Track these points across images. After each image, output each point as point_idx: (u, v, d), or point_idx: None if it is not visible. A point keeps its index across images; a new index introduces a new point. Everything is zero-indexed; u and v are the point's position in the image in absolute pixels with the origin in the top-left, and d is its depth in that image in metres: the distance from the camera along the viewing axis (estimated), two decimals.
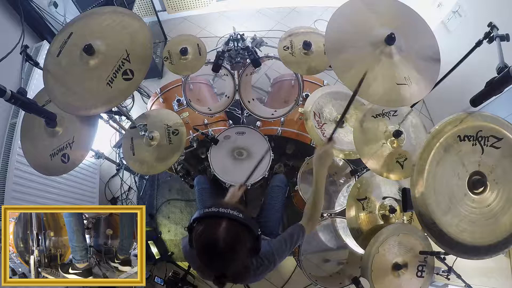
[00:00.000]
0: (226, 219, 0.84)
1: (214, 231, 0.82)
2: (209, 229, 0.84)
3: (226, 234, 0.82)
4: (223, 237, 0.81)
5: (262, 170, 1.77)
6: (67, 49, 1.14)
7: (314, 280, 1.72)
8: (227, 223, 0.83)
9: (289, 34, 1.57)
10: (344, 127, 1.66)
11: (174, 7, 3.26)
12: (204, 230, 0.85)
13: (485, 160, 0.94)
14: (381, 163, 1.31)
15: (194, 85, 2.25)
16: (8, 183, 1.60)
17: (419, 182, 0.93)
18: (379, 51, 1.12)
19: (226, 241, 0.81)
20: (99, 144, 2.30)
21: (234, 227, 0.84)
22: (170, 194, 2.41)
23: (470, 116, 0.96)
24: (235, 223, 0.84)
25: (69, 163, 1.22)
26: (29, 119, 1.33)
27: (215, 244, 0.81)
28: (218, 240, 0.81)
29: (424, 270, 1.30)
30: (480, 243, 0.90)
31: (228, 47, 1.58)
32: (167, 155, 1.50)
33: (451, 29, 2.27)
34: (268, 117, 1.92)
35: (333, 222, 1.96)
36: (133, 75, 1.08)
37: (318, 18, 3.22)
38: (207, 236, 0.83)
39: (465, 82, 1.70)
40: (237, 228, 0.84)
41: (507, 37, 1.09)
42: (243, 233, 0.85)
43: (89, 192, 2.27)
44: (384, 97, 1.10)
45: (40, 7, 2.09)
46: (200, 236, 0.84)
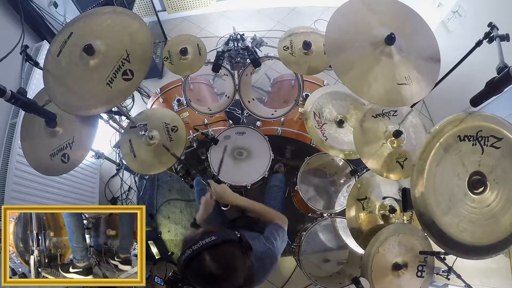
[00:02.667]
0: (204, 252, 0.83)
1: (203, 267, 0.82)
2: (198, 270, 0.84)
3: (214, 262, 0.82)
4: (214, 266, 0.81)
5: (262, 170, 1.77)
6: (67, 49, 1.14)
7: (314, 280, 1.72)
8: (208, 254, 0.82)
9: (289, 34, 1.57)
10: (344, 127, 1.66)
11: (174, 7, 3.26)
12: (196, 273, 0.84)
13: (485, 160, 0.93)
14: (381, 163, 1.31)
15: (194, 85, 2.25)
16: (8, 183, 1.60)
17: (419, 182, 0.93)
18: (379, 51, 1.12)
19: (219, 267, 0.82)
20: (99, 144, 2.30)
21: (216, 252, 0.83)
22: (170, 194, 2.42)
23: (470, 116, 0.96)
24: (214, 248, 0.84)
25: (69, 163, 1.22)
26: (29, 119, 1.32)
27: (212, 275, 0.81)
28: (212, 271, 0.81)
29: (424, 270, 1.30)
30: (480, 243, 0.90)
31: (228, 47, 1.58)
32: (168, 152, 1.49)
33: (451, 29, 2.27)
34: (268, 117, 1.92)
35: (333, 222, 1.96)
36: (133, 75, 1.08)
37: (318, 18, 3.22)
38: (202, 275, 0.83)
39: (465, 82, 1.70)
40: (218, 250, 0.84)
41: (507, 37, 1.08)
42: (227, 249, 0.85)
43: (89, 192, 2.28)
44: (385, 97, 1.10)
45: (40, 7, 2.09)
46: (196, 278, 0.84)
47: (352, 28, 1.17)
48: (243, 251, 0.88)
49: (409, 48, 1.15)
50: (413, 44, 1.17)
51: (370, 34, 1.15)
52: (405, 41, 1.15)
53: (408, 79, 1.11)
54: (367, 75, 1.11)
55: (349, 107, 1.68)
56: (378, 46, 1.12)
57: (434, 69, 1.16)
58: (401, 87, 1.10)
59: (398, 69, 1.12)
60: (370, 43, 1.13)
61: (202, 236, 0.85)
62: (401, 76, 1.11)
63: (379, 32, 1.12)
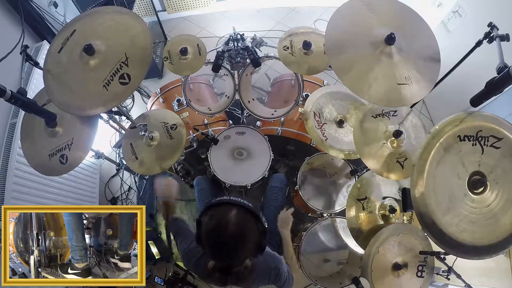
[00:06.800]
0: (237, 206, 0.85)
1: (224, 214, 0.83)
2: (219, 213, 0.85)
3: (236, 218, 0.82)
4: (233, 221, 0.82)
5: (262, 170, 1.77)
6: (69, 46, 1.13)
7: (314, 280, 1.72)
8: (237, 210, 0.84)
9: (289, 34, 1.57)
10: (344, 127, 1.66)
11: (174, 7, 3.26)
12: (215, 214, 0.86)
13: (485, 160, 0.93)
14: (381, 163, 1.31)
15: (194, 85, 2.25)
16: (8, 183, 1.60)
17: (419, 182, 0.93)
18: (379, 51, 1.12)
19: (236, 225, 0.82)
20: (99, 144, 2.30)
21: (244, 214, 0.85)
22: None
23: (470, 116, 0.96)
24: (245, 211, 0.85)
25: (67, 164, 1.22)
26: (29, 119, 1.32)
27: (225, 226, 0.81)
28: (228, 223, 0.81)
29: (424, 270, 1.30)
30: (480, 243, 0.90)
31: (228, 47, 1.58)
32: (168, 152, 1.50)
33: (451, 29, 2.27)
34: (268, 117, 1.92)
35: (333, 222, 1.96)
36: (130, 80, 1.07)
37: (318, 18, 3.22)
38: (217, 219, 0.84)
39: (465, 82, 1.70)
40: (247, 215, 0.85)
41: (507, 37, 1.09)
42: (252, 222, 0.86)
43: (89, 192, 2.28)
44: (385, 97, 1.10)
45: (40, 7, 2.09)
46: (210, 220, 0.85)
47: (352, 28, 1.17)
48: (261, 239, 0.88)
49: (409, 48, 1.15)
50: (413, 44, 1.17)
51: (370, 34, 1.15)
52: (405, 41, 1.15)
53: (408, 79, 1.11)
54: (367, 75, 1.11)
55: (349, 107, 1.68)
56: (378, 46, 1.12)
57: (434, 69, 1.16)
58: (401, 87, 1.10)
59: (398, 69, 1.12)
60: (370, 43, 1.13)
61: (243, 198, 0.88)
62: (401, 76, 1.11)
63: (379, 32, 1.12)
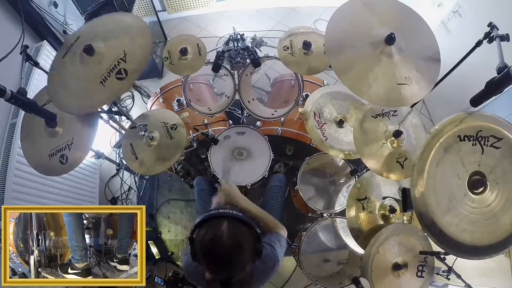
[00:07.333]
0: (226, 218, 0.85)
1: (216, 229, 0.83)
2: (211, 229, 0.85)
3: (229, 230, 0.82)
4: (227, 234, 0.81)
5: (262, 170, 1.77)
6: (72, 52, 1.15)
7: (314, 280, 1.72)
8: (228, 222, 0.84)
9: (289, 34, 1.57)
10: (344, 127, 1.66)
11: (174, 7, 3.26)
12: (207, 231, 0.85)
13: (485, 160, 0.93)
14: (381, 163, 1.31)
15: (194, 85, 2.25)
16: (8, 183, 1.60)
17: (419, 182, 0.93)
18: (379, 51, 1.12)
19: (230, 237, 0.81)
20: (99, 144, 2.30)
21: (236, 225, 0.85)
22: (170, 194, 2.41)
23: (470, 116, 0.96)
24: (236, 222, 0.85)
25: (67, 164, 1.22)
26: (29, 119, 1.32)
27: (219, 241, 0.81)
28: (222, 237, 0.81)
29: (424, 270, 1.30)
30: (480, 243, 0.90)
31: (228, 47, 1.58)
32: (168, 152, 1.50)
33: (451, 29, 2.27)
34: (268, 117, 1.92)
35: (333, 222, 1.96)
36: (127, 74, 1.07)
37: (318, 18, 3.22)
38: (210, 236, 0.83)
39: (465, 82, 1.70)
40: (239, 225, 0.85)
41: (507, 37, 1.08)
42: (245, 231, 0.86)
43: (89, 192, 2.28)
44: (385, 97, 1.10)
45: (40, 7, 2.09)
46: (203, 237, 0.84)
47: (352, 28, 1.17)
48: (256, 246, 0.88)
49: (409, 48, 1.15)
50: (413, 44, 1.17)
51: (370, 34, 1.14)
52: (405, 41, 1.15)
53: (408, 79, 1.11)
54: (367, 75, 1.10)
55: (349, 107, 1.68)
56: (378, 46, 1.12)
57: (434, 69, 1.16)
58: (401, 87, 1.10)
59: (398, 69, 1.12)
60: (370, 43, 1.13)
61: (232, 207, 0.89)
62: (401, 76, 1.11)
63: (379, 32, 1.12)
